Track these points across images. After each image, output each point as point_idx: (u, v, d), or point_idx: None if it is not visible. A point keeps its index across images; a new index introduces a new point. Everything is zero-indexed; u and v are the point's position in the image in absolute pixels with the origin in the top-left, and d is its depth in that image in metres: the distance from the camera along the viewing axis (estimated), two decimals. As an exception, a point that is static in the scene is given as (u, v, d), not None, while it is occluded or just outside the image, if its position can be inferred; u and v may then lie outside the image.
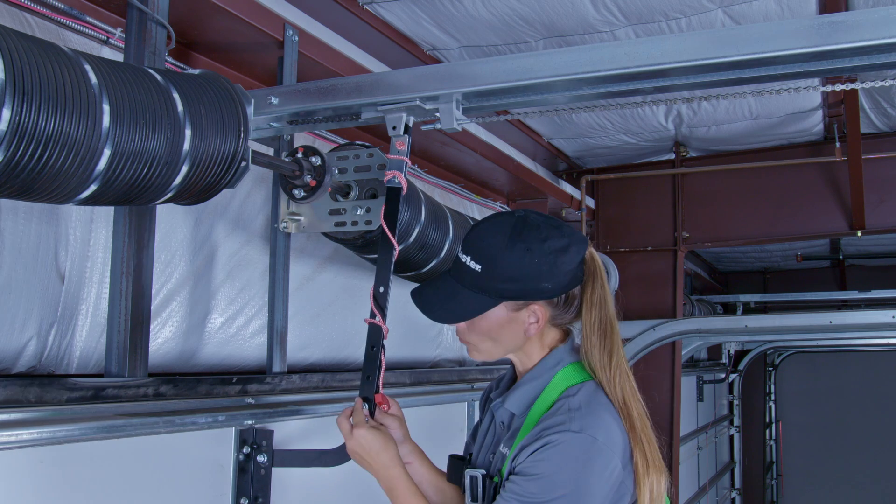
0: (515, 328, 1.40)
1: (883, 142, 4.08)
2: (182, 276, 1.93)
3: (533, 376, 1.42)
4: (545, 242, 1.36)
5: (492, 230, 1.39)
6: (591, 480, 1.27)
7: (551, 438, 1.27)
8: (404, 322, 2.93)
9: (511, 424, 1.43)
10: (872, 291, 6.41)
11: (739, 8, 2.55)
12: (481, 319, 1.40)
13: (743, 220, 4.47)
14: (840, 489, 8.67)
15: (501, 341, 1.42)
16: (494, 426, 1.49)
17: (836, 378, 8.79)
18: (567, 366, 1.41)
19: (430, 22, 2.69)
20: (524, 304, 1.39)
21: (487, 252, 1.37)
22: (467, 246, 1.41)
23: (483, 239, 1.39)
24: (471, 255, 1.39)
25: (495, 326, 1.40)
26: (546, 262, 1.35)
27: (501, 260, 1.35)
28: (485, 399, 1.63)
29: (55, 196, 1.23)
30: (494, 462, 1.43)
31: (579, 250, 1.39)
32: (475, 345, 1.45)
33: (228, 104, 1.47)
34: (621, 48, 1.35)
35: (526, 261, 1.35)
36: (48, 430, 1.39)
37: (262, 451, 1.86)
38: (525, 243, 1.35)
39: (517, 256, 1.35)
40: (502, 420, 1.46)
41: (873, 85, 1.56)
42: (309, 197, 1.89)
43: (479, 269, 1.37)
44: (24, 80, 1.07)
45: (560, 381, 1.39)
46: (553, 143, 4.25)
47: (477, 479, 1.44)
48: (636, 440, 1.34)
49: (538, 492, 1.26)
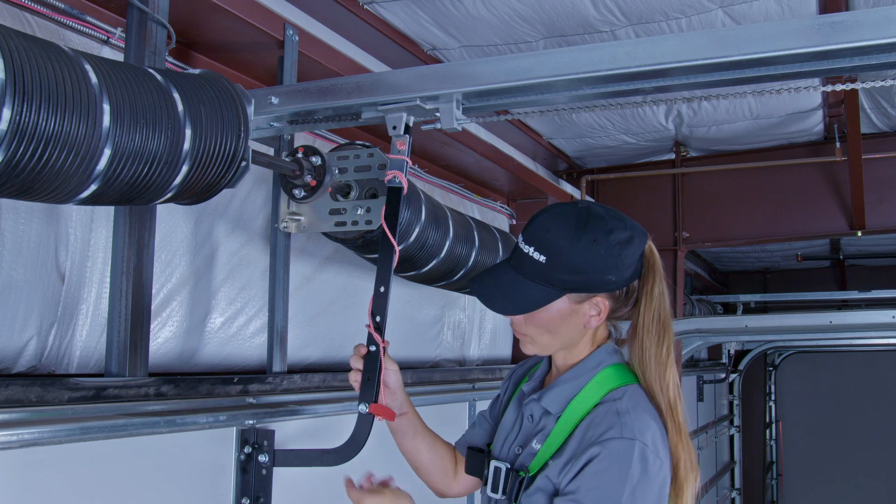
0: (576, 321, 1.39)
1: (883, 142, 4.09)
2: (182, 276, 1.93)
3: (573, 376, 1.41)
4: (611, 234, 1.34)
5: (556, 221, 1.37)
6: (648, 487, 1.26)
7: (605, 448, 1.26)
8: (405, 322, 2.93)
9: (541, 420, 1.42)
10: (872, 291, 6.42)
11: (739, 8, 2.56)
12: (542, 311, 1.38)
13: (743, 220, 4.48)
14: (840, 489, 8.67)
15: (560, 334, 1.40)
16: (522, 420, 1.48)
17: (836, 378, 8.78)
18: (609, 367, 1.40)
19: (430, 22, 2.69)
20: (587, 296, 1.37)
21: (553, 243, 1.35)
22: (529, 237, 1.38)
23: (548, 230, 1.37)
24: (534, 245, 1.36)
25: (556, 318, 1.38)
26: (612, 254, 1.33)
27: (567, 251, 1.33)
28: (514, 385, 1.61)
29: (55, 196, 1.23)
30: (522, 457, 1.42)
31: (641, 243, 1.38)
32: (532, 337, 1.42)
33: (229, 104, 1.47)
34: (621, 48, 1.35)
35: (592, 252, 1.33)
36: (50, 430, 1.39)
37: (263, 451, 1.86)
38: (591, 234, 1.33)
39: (583, 248, 1.33)
40: (531, 414, 1.44)
41: (873, 85, 1.56)
42: (309, 197, 1.89)
43: (543, 261, 1.35)
44: (24, 79, 1.07)
45: (602, 382, 1.38)
46: (553, 142, 4.25)
47: (500, 471, 1.43)
48: (681, 441, 1.34)
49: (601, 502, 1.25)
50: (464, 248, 2.39)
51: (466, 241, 2.41)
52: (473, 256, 2.45)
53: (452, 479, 1.64)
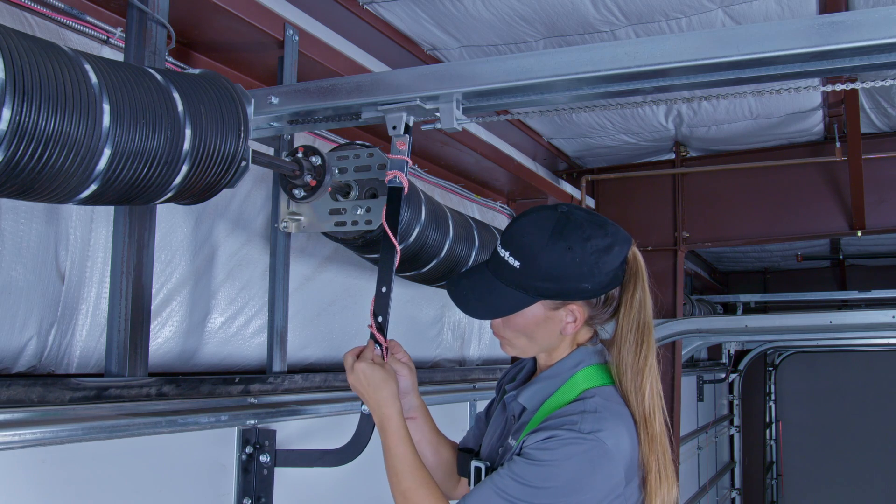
0: (552, 327, 1.38)
1: (883, 142, 4.08)
2: (182, 276, 1.93)
3: (551, 374, 1.41)
4: (588, 242, 1.32)
5: (533, 226, 1.36)
6: (589, 483, 1.24)
7: (560, 433, 1.25)
8: (405, 322, 2.93)
9: (521, 417, 1.42)
10: (872, 291, 6.41)
11: (739, 8, 2.55)
12: (518, 316, 1.38)
13: (743, 220, 4.47)
14: (840, 489, 8.67)
15: (537, 339, 1.40)
16: (506, 418, 1.48)
17: (836, 378, 8.78)
18: (588, 367, 1.39)
19: (430, 22, 2.69)
20: (562, 303, 1.36)
21: (527, 249, 1.34)
22: (507, 240, 1.38)
23: (523, 235, 1.36)
24: (510, 250, 1.36)
25: (532, 324, 1.38)
26: (587, 263, 1.32)
27: (541, 258, 1.32)
28: (500, 385, 1.61)
29: (55, 196, 1.23)
30: (501, 454, 1.42)
31: (622, 250, 1.36)
32: (510, 340, 1.43)
33: (229, 104, 1.47)
34: (621, 48, 1.35)
35: (567, 260, 1.32)
36: (51, 430, 1.39)
37: (264, 451, 1.86)
38: (567, 242, 1.32)
39: (557, 255, 1.32)
40: (513, 413, 1.44)
41: (873, 85, 1.56)
42: (309, 197, 1.89)
43: (517, 266, 1.34)
44: (24, 79, 1.07)
45: (579, 381, 1.37)
46: (553, 142, 4.25)
47: (481, 471, 1.43)
48: (653, 451, 1.32)
49: (533, 478, 1.24)
50: (464, 248, 2.40)
51: (466, 241, 2.41)
52: (473, 256, 2.45)
53: (456, 482, 1.63)
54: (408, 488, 1.33)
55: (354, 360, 1.45)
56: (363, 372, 1.42)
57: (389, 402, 1.40)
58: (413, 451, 1.37)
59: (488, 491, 1.26)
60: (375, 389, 1.41)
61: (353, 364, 1.44)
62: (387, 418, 1.39)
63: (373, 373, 1.42)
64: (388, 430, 1.38)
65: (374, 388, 1.41)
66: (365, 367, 1.42)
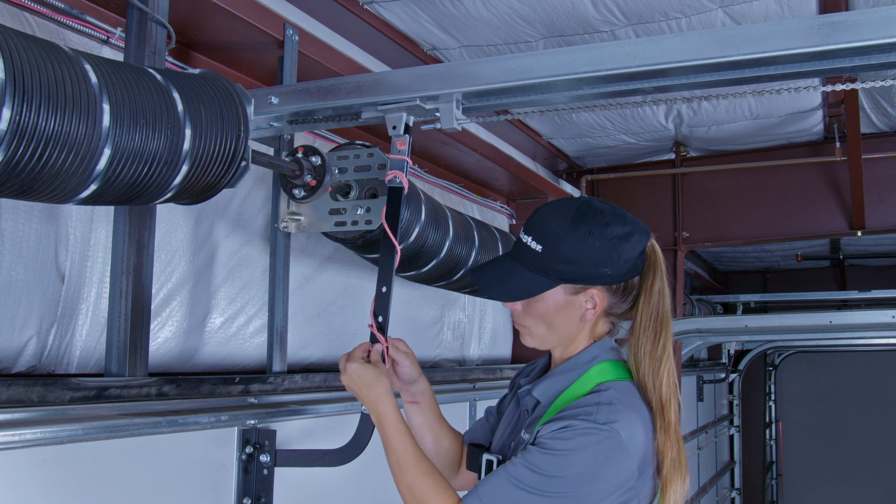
0: (571, 313, 1.40)
1: (883, 142, 4.08)
2: (182, 276, 1.93)
3: (566, 368, 1.42)
4: (607, 227, 1.35)
5: (555, 212, 1.39)
6: (602, 474, 1.25)
7: (575, 423, 1.26)
8: (405, 321, 2.94)
9: (534, 412, 1.42)
10: (872, 291, 6.42)
11: (739, 8, 2.56)
12: (538, 301, 1.40)
13: (743, 220, 4.47)
14: (840, 489, 8.67)
15: (556, 326, 1.41)
16: (519, 413, 1.49)
17: (836, 378, 8.78)
18: (603, 362, 1.40)
19: (430, 22, 2.69)
20: (582, 288, 1.38)
21: (549, 233, 1.37)
22: (529, 227, 1.41)
23: (545, 220, 1.39)
24: (532, 235, 1.39)
25: (552, 309, 1.40)
26: (607, 248, 1.35)
27: (562, 241, 1.35)
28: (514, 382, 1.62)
29: (55, 196, 1.23)
30: (513, 448, 1.42)
31: (641, 240, 1.39)
32: (530, 328, 1.44)
33: (228, 104, 1.47)
34: (621, 48, 1.35)
35: (587, 243, 1.35)
36: (51, 430, 1.39)
37: (264, 451, 1.87)
38: (587, 226, 1.35)
39: (578, 238, 1.35)
40: (527, 408, 1.45)
41: (873, 85, 1.56)
42: (309, 196, 1.89)
43: (539, 250, 1.37)
44: (24, 79, 1.07)
45: (594, 376, 1.38)
46: (553, 142, 4.25)
47: (493, 463, 1.44)
48: (668, 439, 1.33)
49: (547, 467, 1.24)
50: (464, 248, 2.40)
51: (466, 241, 2.41)
52: (473, 256, 2.45)
53: (456, 473, 1.64)
54: (412, 480, 1.35)
55: (346, 361, 1.48)
56: (355, 371, 1.45)
57: (384, 398, 1.42)
58: (413, 444, 1.39)
59: (501, 479, 1.27)
60: (368, 387, 1.43)
61: (346, 365, 1.47)
62: (383, 415, 1.41)
63: (364, 371, 1.44)
64: (385, 426, 1.40)
65: (367, 387, 1.43)
66: (356, 367, 1.45)
